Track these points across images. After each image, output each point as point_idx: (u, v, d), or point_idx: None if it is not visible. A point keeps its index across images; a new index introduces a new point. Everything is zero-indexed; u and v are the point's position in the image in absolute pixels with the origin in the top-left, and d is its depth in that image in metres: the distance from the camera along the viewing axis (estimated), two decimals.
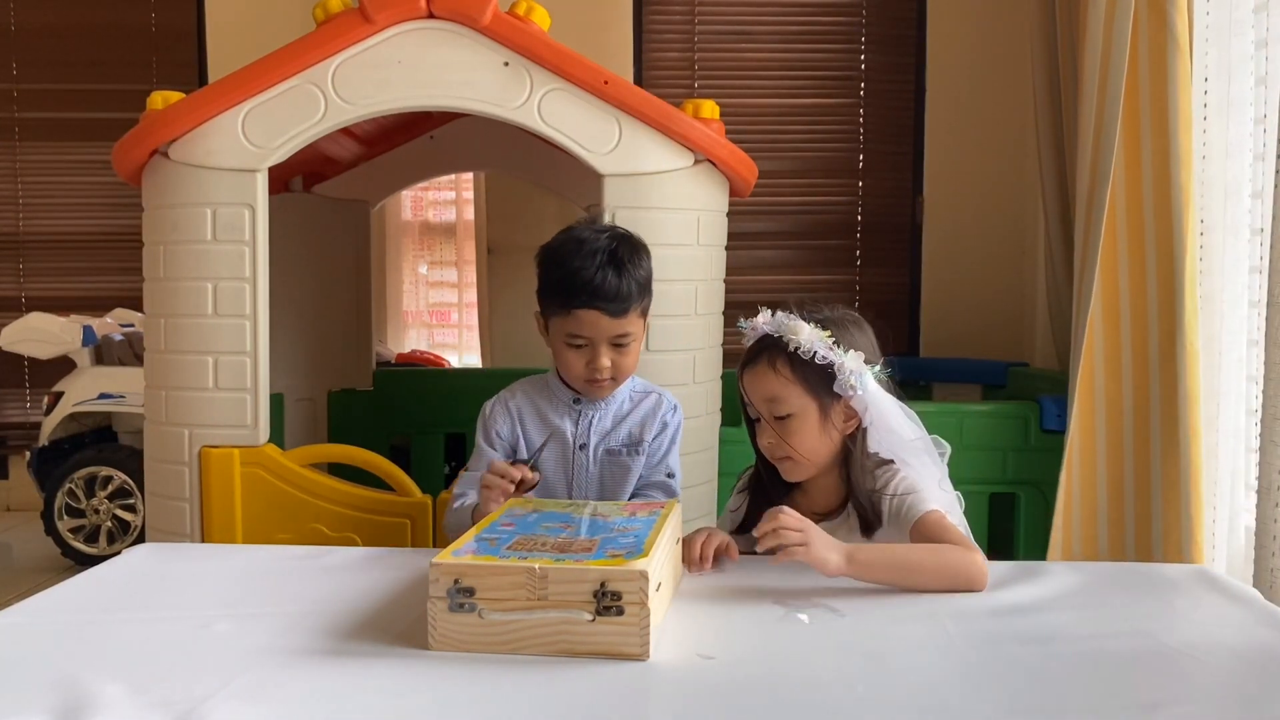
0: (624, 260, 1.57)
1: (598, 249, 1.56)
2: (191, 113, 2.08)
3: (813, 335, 1.43)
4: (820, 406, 1.45)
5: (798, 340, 1.43)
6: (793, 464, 1.48)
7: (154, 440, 2.20)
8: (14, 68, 4.33)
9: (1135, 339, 2.35)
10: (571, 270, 1.55)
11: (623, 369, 1.62)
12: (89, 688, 1.00)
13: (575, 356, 1.60)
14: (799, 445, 1.46)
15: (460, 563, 1.11)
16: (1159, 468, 2.30)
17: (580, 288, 1.55)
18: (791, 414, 1.45)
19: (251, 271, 2.09)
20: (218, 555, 1.65)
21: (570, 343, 1.59)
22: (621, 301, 1.56)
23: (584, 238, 1.59)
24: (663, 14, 4.11)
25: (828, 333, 1.44)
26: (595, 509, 1.39)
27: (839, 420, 1.46)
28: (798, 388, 1.44)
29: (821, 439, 1.46)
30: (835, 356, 1.42)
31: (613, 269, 1.55)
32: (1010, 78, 3.86)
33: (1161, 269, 2.29)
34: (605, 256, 1.56)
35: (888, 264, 4.12)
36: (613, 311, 1.56)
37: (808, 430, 1.45)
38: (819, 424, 1.45)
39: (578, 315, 1.56)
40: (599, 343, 1.58)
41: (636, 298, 1.58)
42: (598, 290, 1.54)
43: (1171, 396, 2.26)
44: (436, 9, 2.08)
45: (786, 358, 1.44)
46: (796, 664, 1.09)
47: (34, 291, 4.40)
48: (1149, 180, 2.31)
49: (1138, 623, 1.22)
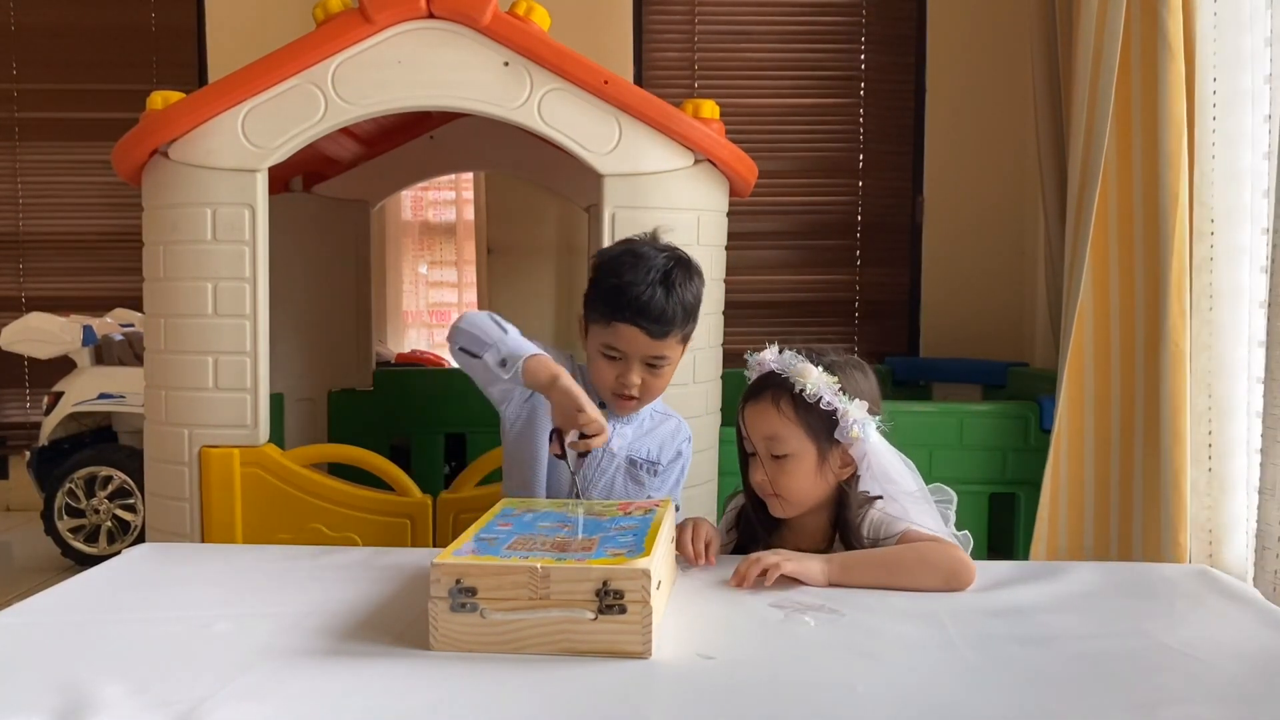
0: (675, 283, 1.55)
1: (652, 266, 1.55)
2: (191, 113, 2.08)
3: (821, 379, 1.43)
4: (819, 450, 1.45)
5: (805, 383, 1.43)
6: (781, 502, 1.48)
7: (154, 440, 2.20)
8: (14, 68, 4.32)
9: (1123, 339, 2.37)
10: (622, 283, 1.54)
11: (651, 390, 1.60)
12: (89, 688, 1.00)
13: (608, 367, 1.58)
14: (791, 485, 1.46)
15: (461, 563, 1.11)
16: (1141, 467, 2.31)
17: (627, 303, 1.53)
18: (789, 454, 1.45)
19: (251, 271, 2.09)
20: (218, 555, 1.65)
21: (605, 353, 1.58)
22: (664, 324, 1.54)
23: (641, 253, 1.58)
24: (663, 14, 4.10)
25: (835, 378, 1.44)
26: (590, 508, 1.40)
27: (836, 465, 1.46)
28: (799, 429, 1.44)
29: (815, 482, 1.46)
30: (840, 403, 1.42)
31: (663, 289, 1.54)
32: (1010, 78, 3.86)
33: (1148, 270, 2.30)
34: (658, 275, 1.54)
35: (888, 264, 4.12)
36: (653, 332, 1.54)
37: (803, 472, 1.45)
38: (815, 467, 1.45)
39: (617, 329, 1.55)
40: (633, 359, 1.57)
41: (679, 323, 1.56)
42: (643, 308, 1.53)
43: (1154, 396, 2.28)
44: (436, 9, 2.08)
45: (791, 398, 1.44)
46: (796, 664, 1.09)
47: (34, 291, 4.40)
48: (1139, 182, 2.32)
49: (1138, 623, 1.22)
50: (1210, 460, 2.31)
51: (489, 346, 1.51)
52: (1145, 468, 2.30)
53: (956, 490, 1.54)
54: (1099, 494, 2.39)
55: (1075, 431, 2.40)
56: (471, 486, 2.20)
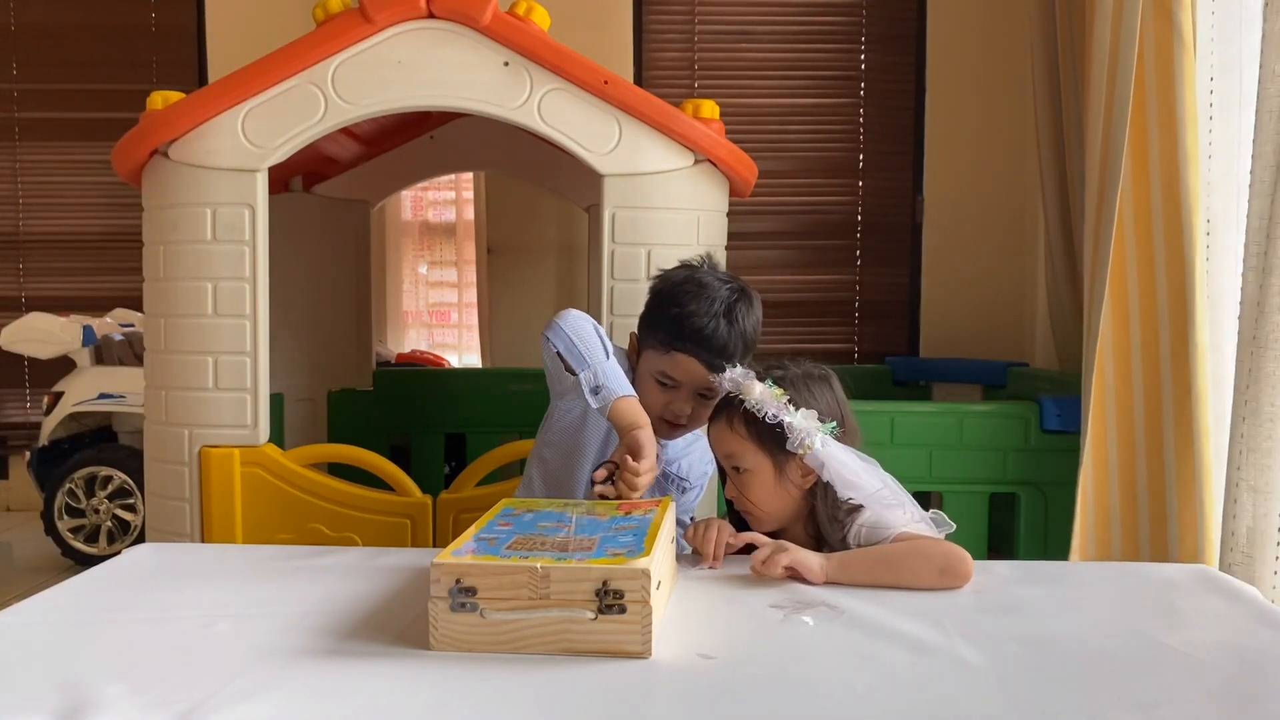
0: (738, 315, 1.55)
1: (716, 297, 1.54)
2: (191, 113, 2.08)
3: (764, 394, 1.44)
4: (775, 464, 1.46)
5: (749, 399, 1.44)
6: (753, 516, 1.50)
7: (154, 440, 2.20)
8: (14, 68, 4.33)
9: (1145, 339, 2.33)
10: (686, 313, 1.54)
11: (698, 420, 1.60)
12: (89, 688, 1.00)
13: (660, 394, 1.58)
14: (756, 499, 1.48)
15: (461, 563, 1.12)
16: (1173, 469, 2.28)
17: (690, 333, 1.53)
18: (748, 470, 1.48)
19: (251, 271, 2.09)
20: (218, 555, 1.65)
21: (660, 380, 1.58)
22: (725, 357, 1.53)
23: (705, 282, 1.57)
24: (663, 14, 4.11)
25: (781, 391, 1.45)
26: (589, 508, 1.40)
27: (796, 476, 1.47)
28: (751, 445, 1.47)
29: (778, 494, 1.48)
30: (786, 416, 1.43)
31: (726, 321, 1.53)
32: (1010, 78, 3.86)
33: (1171, 267, 2.28)
34: (722, 307, 1.54)
35: (888, 264, 4.12)
36: (713, 365, 1.53)
37: (763, 486, 1.48)
38: (774, 480, 1.47)
39: (676, 358, 1.55)
40: (687, 389, 1.56)
41: (739, 355, 1.55)
42: (705, 340, 1.53)
43: (1185, 396, 2.24)
44: (436, 9, 2.08)
45: (742, 416, 1.47)
46: (796, 664, 1.09)
47: (34, 291, 4.40)
48: (1156, 179, 2.30)
49: (1138, 623, 1.22)
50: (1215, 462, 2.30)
51: (588, 366, 1.49)
52: (1179, 470, 2.25)
53: (956, 490, 1.54)
54: (1125, 499, 2.36)
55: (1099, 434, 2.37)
56: (471, 486, 2.20)
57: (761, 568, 1.36)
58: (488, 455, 2.23)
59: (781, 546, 1.36)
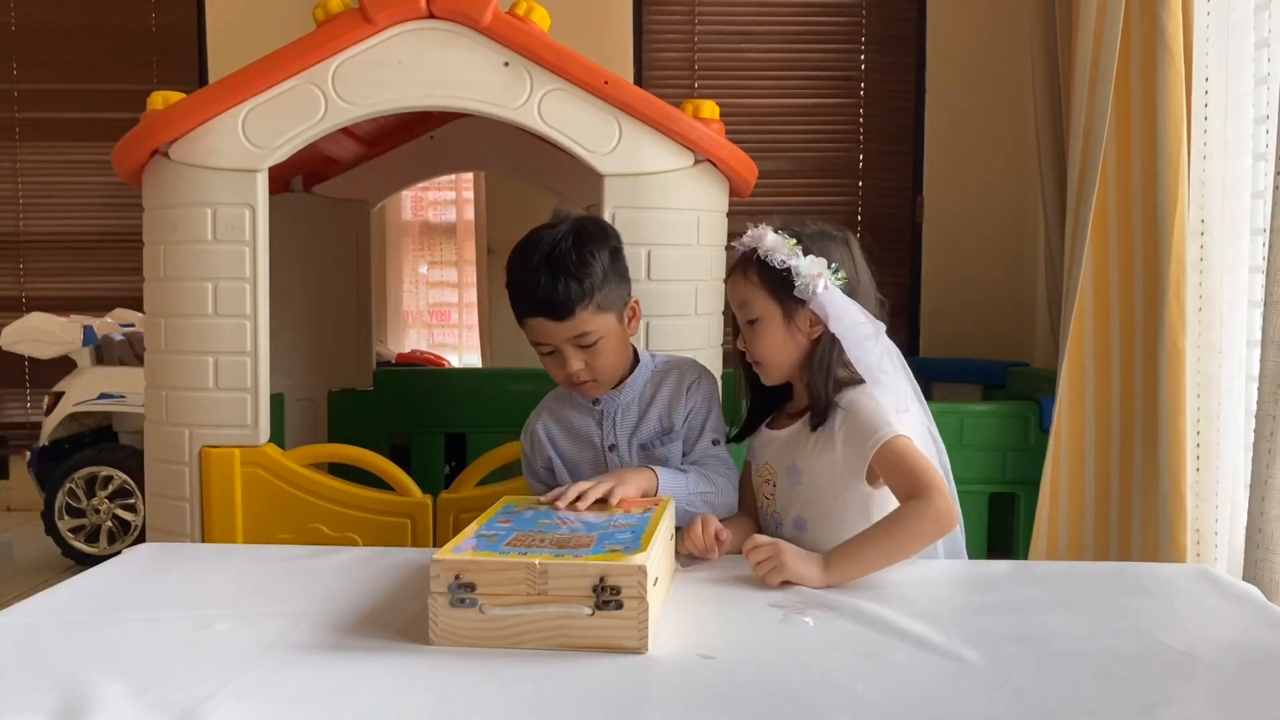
0: (562, 262, 1.49)
1: (535, 254, 1.51)
2: (191, 113, 2.08)
3: (775, 241, 1.50)
4: (784, 311, 1.51)
5: (760, 246, 1.50)
6: (762, 367, 1.55)
7: (154, 440, 2.20)
8: (14, 68, 4.33)
9: (1123, 339, 2.37)
10: (511, 278, 1.54)
11: (600, 369, 1.56)
12: (89, 688, 1.00)
13: (550, 362, 1.57)
14: (763, 349, 1.53)
15: (461, 559, 1.12)
16: (1140, 467, 2.32)
17: (523, 298, 1.53)
18: (758, 318, 1.52)
19: (251, 271, 2.09)
20: (218, 555, 1.65)
21: (539, 350, 1.57)
22: (560, 306, 1.49)
23: (528, 242, 1.54)
24: (663, 14, 4.11)
25: (794, 241, 1.50)
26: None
27: (804, 325, 1.51)
28: (762, 292, 1.51)
29: (785, 342, 1.52)
30: (793, 260, 1.48)
31: (546, 274, 1.49)
32: (1010, 78, 3.86)
33: (1147, 269, 2.31)
34: (540, 260, 1.50)
35: (888, 264, 4.12)
36: (556, 316, 1.50)
37: (772, 334, 1.52)
38: (783, 328, 1.51)
39: (528, 324, 1.54)
40: (562, 347, 1.53)
41: (581, 298, 1.50)
42: (533, 299, 1.51)
43: (1153, 396, 2.28)
44: (436, 9, 2.08)
45: (756, 265, 1.51)
46: (796, 663, 1.09)
47: (34, 291, 4.40)
48: (1138, 182, 2.33)
49: (1138, 623, 1.22)
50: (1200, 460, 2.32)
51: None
52: (1144, 468, 2.30)
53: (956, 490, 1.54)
54: (1099, 495, 2.40)
55: (1075, 431, 2.41)
56: (471, 486, 2.20)
57: (758, 572, 1.36)
58: (488, 455, 2.22)
59: (779, 548, 1.36)
